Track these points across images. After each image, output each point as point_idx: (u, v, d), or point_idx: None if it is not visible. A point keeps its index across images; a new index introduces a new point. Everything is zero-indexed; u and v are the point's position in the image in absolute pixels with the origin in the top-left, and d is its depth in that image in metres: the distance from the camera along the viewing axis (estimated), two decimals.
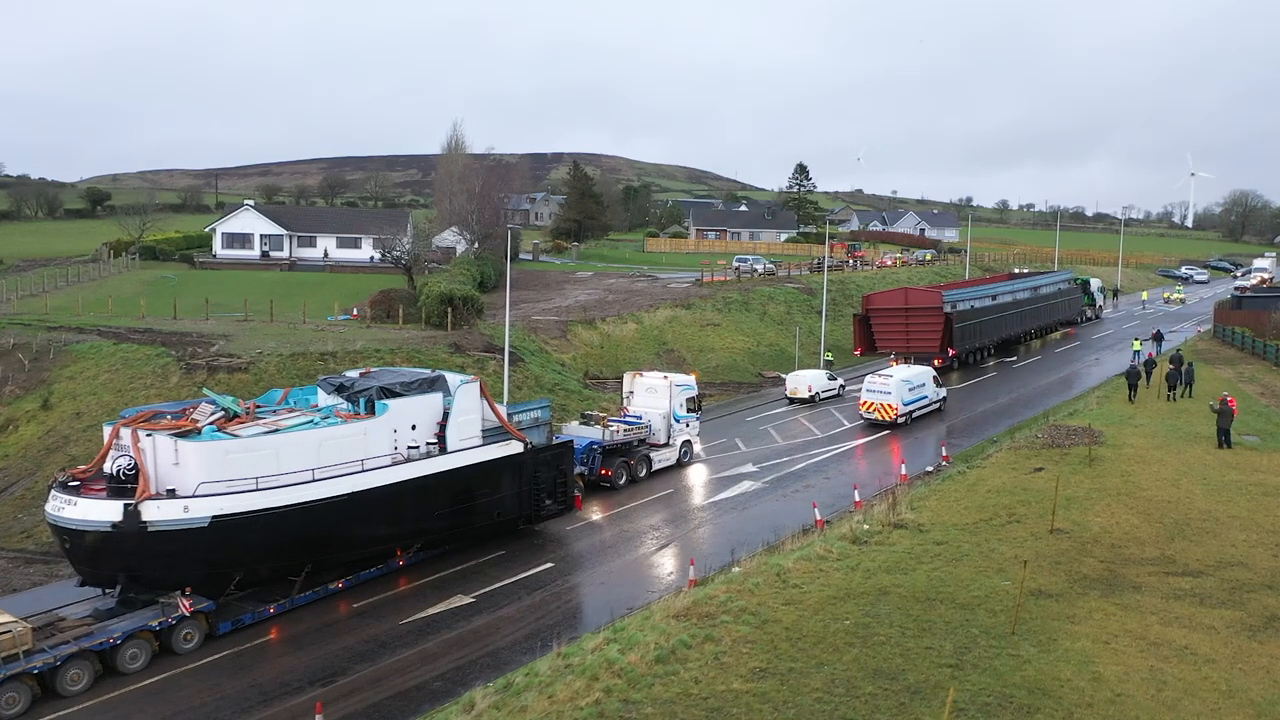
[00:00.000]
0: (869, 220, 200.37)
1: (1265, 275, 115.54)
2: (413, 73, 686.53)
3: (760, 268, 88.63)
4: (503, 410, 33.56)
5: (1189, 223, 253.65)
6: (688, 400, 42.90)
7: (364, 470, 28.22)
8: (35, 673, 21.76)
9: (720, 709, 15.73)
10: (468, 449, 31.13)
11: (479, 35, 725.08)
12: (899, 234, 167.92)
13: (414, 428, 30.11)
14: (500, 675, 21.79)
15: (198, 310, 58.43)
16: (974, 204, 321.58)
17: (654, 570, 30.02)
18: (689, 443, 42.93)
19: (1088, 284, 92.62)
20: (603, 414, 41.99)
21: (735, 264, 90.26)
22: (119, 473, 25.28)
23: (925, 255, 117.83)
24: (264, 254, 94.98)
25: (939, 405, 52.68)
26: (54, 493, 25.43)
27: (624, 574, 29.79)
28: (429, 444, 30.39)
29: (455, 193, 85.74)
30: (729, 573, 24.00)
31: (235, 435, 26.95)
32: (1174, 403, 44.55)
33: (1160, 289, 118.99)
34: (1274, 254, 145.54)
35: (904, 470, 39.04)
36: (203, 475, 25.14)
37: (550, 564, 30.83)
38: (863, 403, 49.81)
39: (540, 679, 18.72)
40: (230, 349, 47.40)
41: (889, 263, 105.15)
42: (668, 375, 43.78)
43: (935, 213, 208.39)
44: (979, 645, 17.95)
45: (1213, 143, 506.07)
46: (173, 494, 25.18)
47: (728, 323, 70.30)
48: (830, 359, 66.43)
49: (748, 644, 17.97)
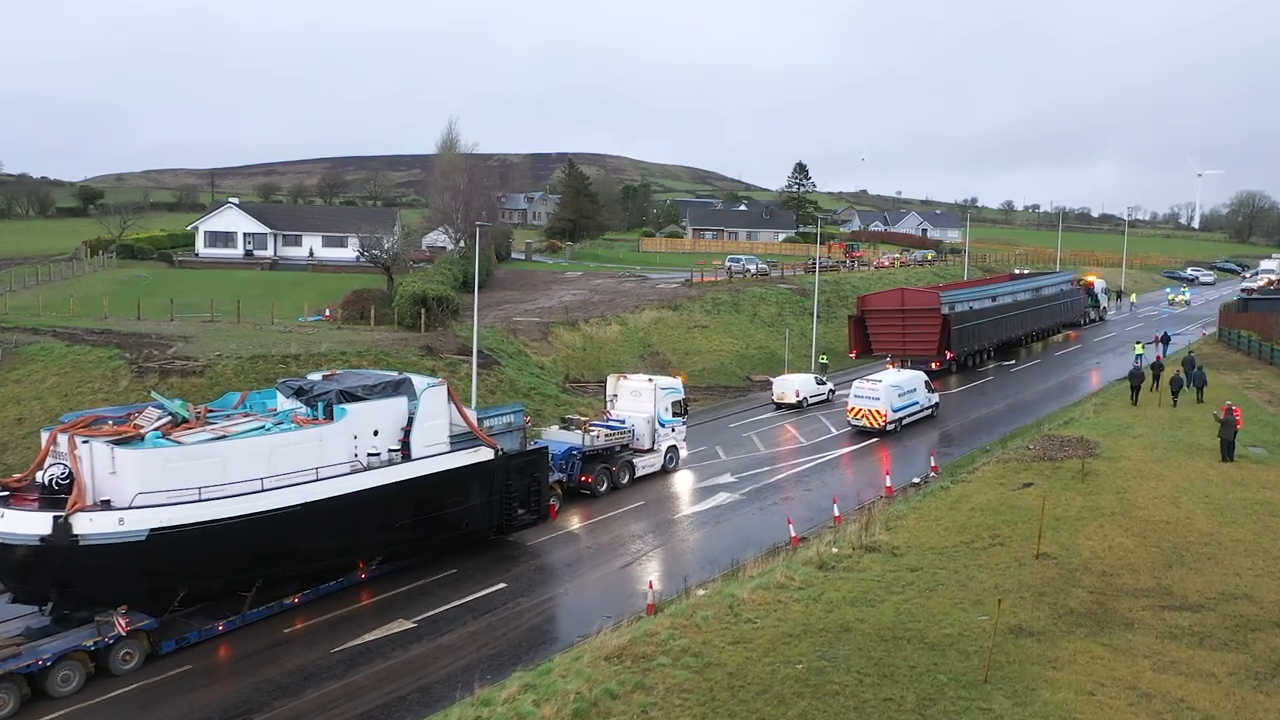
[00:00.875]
0: (871, 220, 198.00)
1: (1273, 276, 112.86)
2: (417, 73, 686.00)
3: (753, 268, 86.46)
4: (472, 415, 31.81)
5: (1195, 224, 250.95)
6: (673, 404, 41.24)
7: (319, 479, 26.46)
8: None
9: None
10: (434, 456, 29.36)
11: (483, 35, 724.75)
12: (900, 234, 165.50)
13: (376, 433, 28.38)
14: (428, 714, 19.77)
15: (165, 311, 56.41)
16: (979, 205, 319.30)
17: (611, 593, 27.89)
18: (675, 448, 41.23)
19: (1091, 285, 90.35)
20: (584, 418, 40.24)
21: (727, 264, 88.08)
22: (52, 482, 23.37)
23: (925, 255, 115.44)
24: (248, 253, 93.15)
25: (931, 411, 50.50)
26: None
27: (578, 597, 27.68)
28: (392, 451, 28.67)
29: (442, 190, 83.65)
30: (681, 602, 21.82)
31: (178, 442, 25.13)
32: (1176, 409, 42.34)
33: (1161, 291, 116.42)
34: None
35: (889, 482, 36.99)
36: (140, 485, 23.39)
37: (503, 584, 28.71)
38: (850, 409, 47.65)
39: None
40: (188, 351, 45.37)
41: (887, 263, 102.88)
42: (652, 378, 42.11)
43: (938, 213, 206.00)
44: (946, 696, 15.79)
45: (1218, 143, 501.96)
46: (108, 505, 23.36)
47: (716, 324, 68.13)
48: (825, 361, 64.26)
49: (682, 694, 15.83)
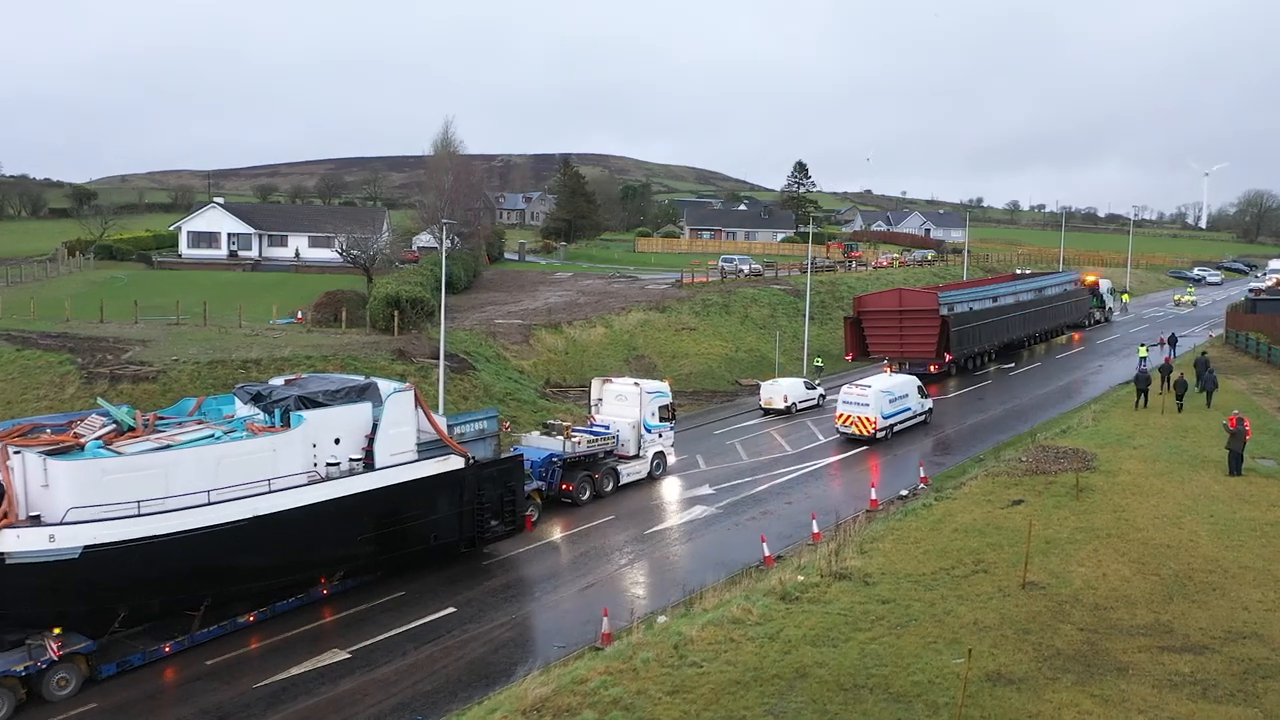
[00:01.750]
0: (873, 220, 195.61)
1: None
2: (426, 74, 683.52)
3: (746, 268, 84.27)
4: (442, 421, 30.20)
5: (1203, 223, 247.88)
6: (660, 408, 39.71)
7: (271, 491, 24.83)
8: None
9: None
10: (399, 465, 27.80)
11: (492, 37, 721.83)
12: (903, 234, 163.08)
13: (337, 442, 26.92)
14: None
15: (132, 313, 54.42)
16: (984, 205, 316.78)
17: (566, 619, 25.81)
18: (662, 454, 39.65)
19: (1096, 285, 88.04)
20: (566, 423, 38.57)
21: (720, 264, 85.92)
22: None
23: (926, 255, 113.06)
24: (232, 253, 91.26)
25: (924, 418, 48.31)
26: None
27: (531, 623, 25.62)
28: (353, 460, 27.07)
29: (427, 189, 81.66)
30: (623, 640, 19.67)
31: (118, 453, 23.46)
32: (1181, 415, 40.12)
33: (1165, 292, 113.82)
34: None
35: (874, 495, 34.83)
36: (74, 499, 21.74)
37: (452, 609, 26.65)
38: (838, 415, 45.47)
39: None
40: (144, 356, 43.38)
41: (885, 263, 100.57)
42: (638, 382, 40.50)
43: (941, 213, 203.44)
44: None
45: (1225, 142, 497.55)
46: (38, 520, 21.74)
47: (705, 327, 65.97)
48: (820, 364, 62.17)
49: None
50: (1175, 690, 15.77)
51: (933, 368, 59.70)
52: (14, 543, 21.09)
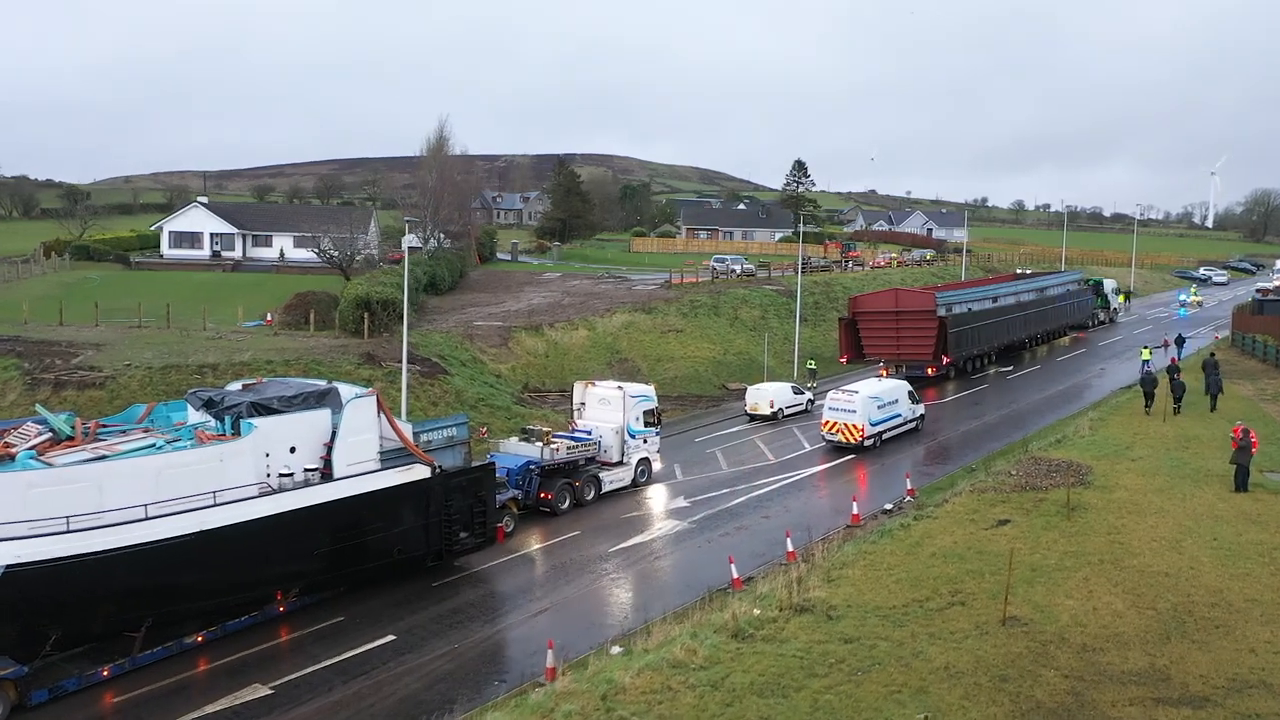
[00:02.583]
0: (875, 220, 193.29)
1: None
2: (430, 75, 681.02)
3: (738, 268, 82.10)
4: (407, 429, 28.56)
5: (1209, 223, 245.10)
6: (645, 413, 38.16)
7: (216, 504, 23.38)
8: None
9: None
10: (360, 475, 26.26)
11: (499, 38, 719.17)
12: (904, 234, 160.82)
13: (293, 451, 25.50)
14: None
15: (103, 314, 52.50)
16: (989, 205, 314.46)
17: (511, 649, 23.83)
18: (647, 461, 38.06)
19: (1100, 285, 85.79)
20: (547, 429, 36.73)
21: (712, 264, 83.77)
22: None
23: (925, 255, 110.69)
24: (215, 253, 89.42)
25: (916, 424, 46.15)
26: None
27: (472, 655, 23.53)
28: (309, 470, 25.58)
29: (410, 188, 79.72)
30: (544, 689, 17.58)
31: (48, 464, 22.05)
32: (1183, 423, 37.97)
33: (1170, 292, 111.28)
34: None
35: (856, 509, 32.74)
36: None
37: (391, 637, 24.62)
38: (824, 422, 43.33)
39: None
40: (96, 360, 41.45)
41: (883, 263, 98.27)
42: (622, 385, 38.89)
43: (944, 212, 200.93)
44: None
45: (1230, 142, 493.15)
46: None
47: (693, 328, 63.81)
48: (814, 367, 60.02)
49: None
50: None
51: (930, 370, 57.85)
52: None
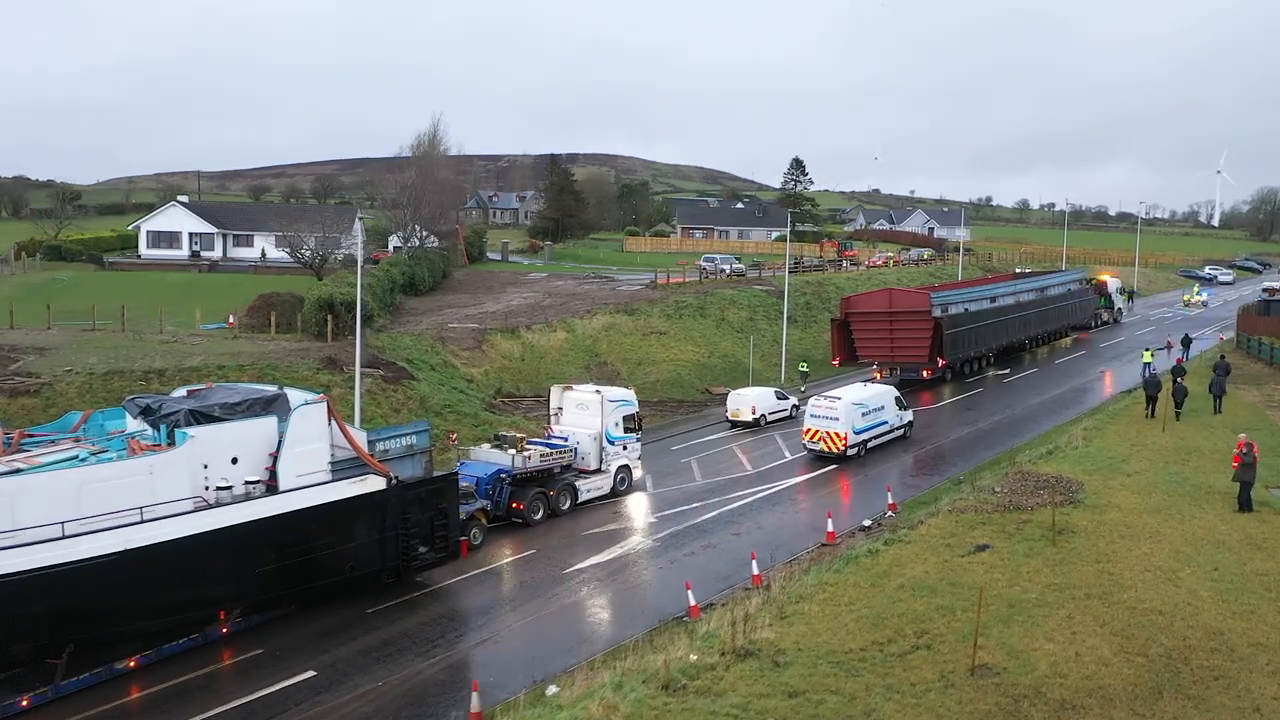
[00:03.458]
0: (876, 219, 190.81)
1: None
2: (435, 76, 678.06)
3: (728, 268, 79.80)
4: (361, 437, 26.94)
5: (1215, 221, 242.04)
6: (625, 418, 36.61)
7: (144, 521, 21.76)
8: None
9: None
10: (308, 487, 24.70)
11: (503, 38, 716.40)
12: (904, 233, 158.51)
13: (235, 461, 24.00)
14: None
15: (60, 317, 50.35)
16: (994, 204, 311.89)
17: (436, 689, 21.61)
18: (627, 468, 36.52)
19: (1104, 285, 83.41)
20: (521, 435, 34.99)
21: (701, 263, 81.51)
22: None
23: (922, 254, 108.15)
24: (194, 254, 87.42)
25: (904, 431, 43.87)
26: None
27: (393, 696, 21.35)
28: (251, 483, 24.01)
29: (387, 186, 77.62)
30: None
31: None
32: (1183, 431, 35.64)
33: (1174, 293, 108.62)
34: None
35: (831, 526, 30.52)
36: None
37: (312, 672, 22.49)
38: (805, 430, 41.07)
39: None
40: (36, 366, 39.34)
41: (879, 262, 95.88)
42: (600, 389, 37.37)
43: (945, 211, 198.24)
44: None
45: (1237, 140, 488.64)
46: None
47: (677, 330, 61.54)
48: (805, 370, 57.83)
49: None
50: None
51: (926, 373, 55.85)
52: None
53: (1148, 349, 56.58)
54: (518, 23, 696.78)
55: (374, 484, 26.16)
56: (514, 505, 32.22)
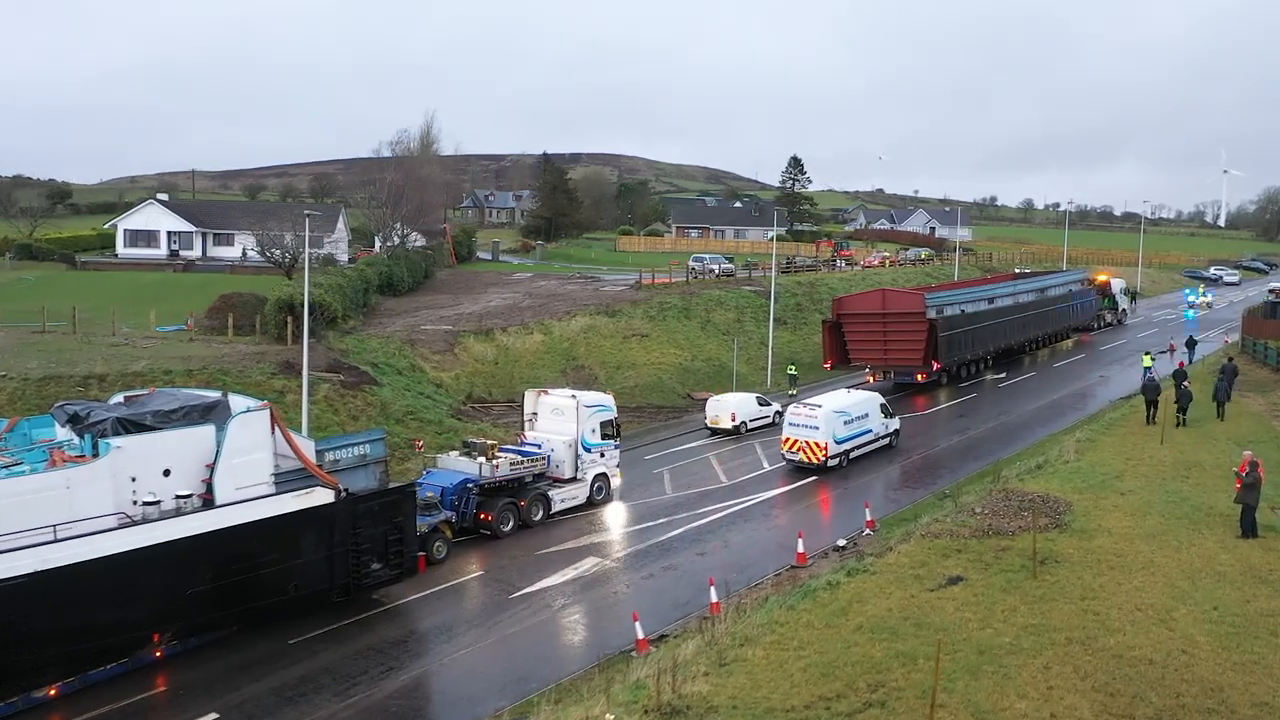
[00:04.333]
0: (877, 218, 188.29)
1: None
2: (438, 76, 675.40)
3: (717, 268, 77.55)
4: (308, 447, 25.37)
5: (1221, 221, 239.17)
6: (602, 424, 35.02)
7: (57, 540, 20.41)
8: None
9: None
10: (248, 501, 23.46)
11: (506, 39, 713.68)
12: (905, 232, 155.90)
13: (167, 473, 22.60)
14: None
15: (13, 318, 48.38)
16: (998, 204, 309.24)
17: None
18: (604, 476, 34.89)
19: (1107, 285, 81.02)
20: (492, 442, 33.39)
21: (690, 263, 79.30)
22: None
23: (920, 254, 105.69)
24: (173, 253, 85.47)
25: (889, 440, 41.64)
26: None
27: None
28: (183, 497, 22.55)
29: (365, 184, 75.56)
30: None
31: None
32: (1183, 440, 33.38)
33: (1178, 294, 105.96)
34: None
35: (802, 546, 28.32)
36: None
37: (214, 715, 20.32)
38: (784, 440, 38.86)
39: None
40: None
41: (875, 262, 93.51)
42: (576, 394, 35.54)
43: (947, 211, 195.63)
44: None
45: (1243, 140, 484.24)
46: None
47: (659, 333, 59.28)
48: (794, 373, 55.59)
49: None
50: None
51: (920, 377, 53.69)
52: None
53: (1148, 352, 54.16)
54: (518, 23, 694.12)
55: (321, 497, 24.77)
56: (482, 516, 30.67)
